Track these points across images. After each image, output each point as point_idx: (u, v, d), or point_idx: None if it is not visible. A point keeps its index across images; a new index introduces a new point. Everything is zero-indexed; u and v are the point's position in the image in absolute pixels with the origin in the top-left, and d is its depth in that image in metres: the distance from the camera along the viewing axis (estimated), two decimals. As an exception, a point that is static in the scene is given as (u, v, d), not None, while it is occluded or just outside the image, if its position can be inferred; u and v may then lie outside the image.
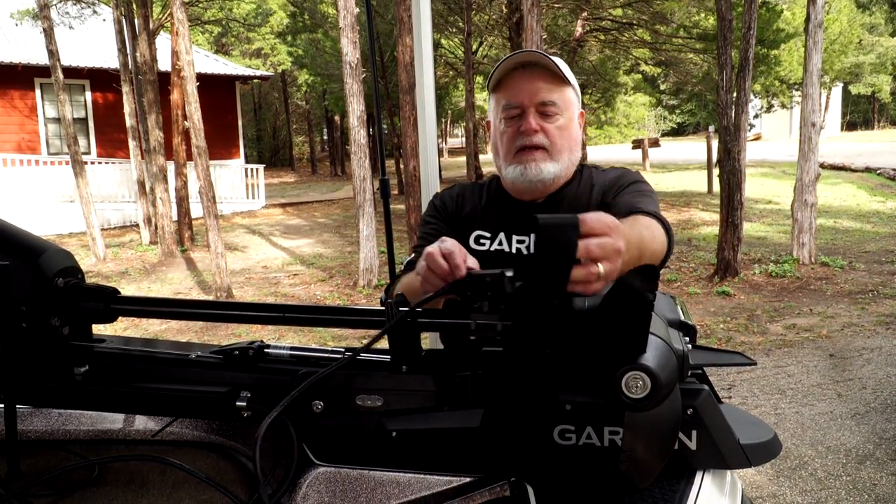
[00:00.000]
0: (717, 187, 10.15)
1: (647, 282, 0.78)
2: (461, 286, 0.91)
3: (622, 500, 0.91)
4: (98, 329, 1.10)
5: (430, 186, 2.80)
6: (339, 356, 1.02)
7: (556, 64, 1.51)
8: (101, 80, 16.49)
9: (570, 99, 1.55)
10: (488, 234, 1.56)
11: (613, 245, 0.86)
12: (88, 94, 17.19)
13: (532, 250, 1.50)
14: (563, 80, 1.53)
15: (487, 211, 1.62)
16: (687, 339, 0.93)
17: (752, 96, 14.58)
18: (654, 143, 24.62)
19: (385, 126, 21.27)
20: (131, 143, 13.76)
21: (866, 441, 4.01)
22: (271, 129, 40.05)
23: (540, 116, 1.51)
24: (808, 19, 8.57)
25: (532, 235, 0.86)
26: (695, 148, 29.37)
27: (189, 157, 11.00)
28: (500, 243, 1.54)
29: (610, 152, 33.28)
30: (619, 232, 0.88)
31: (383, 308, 0.98)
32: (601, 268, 0.84)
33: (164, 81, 13.75)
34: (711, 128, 16.96)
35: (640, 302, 0.78)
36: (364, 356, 1.02)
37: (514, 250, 1.52)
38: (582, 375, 0.87)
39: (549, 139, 1.52)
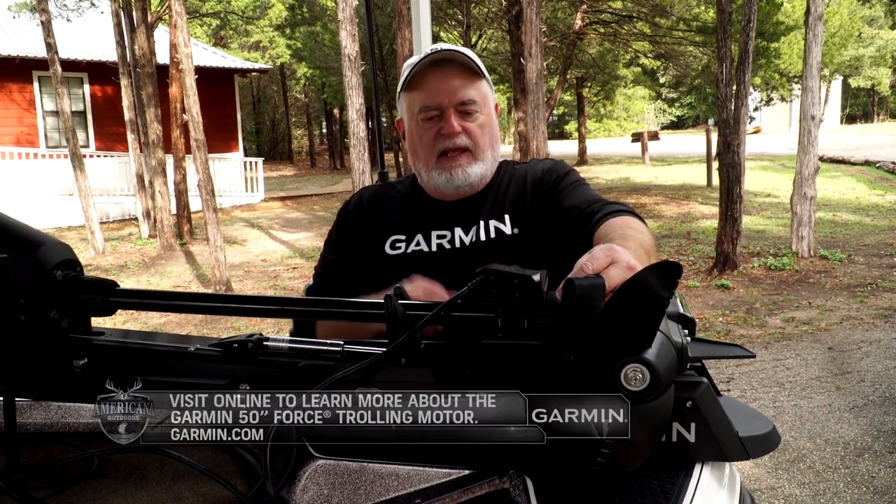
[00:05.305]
0: (716, 180, 10.14)
1: (666, 278, 0.78)
2: (487, 285, 0.90)
3: (620, 491, 0.91)
4: (97, 322, 1.10)
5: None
6: (338, 349, 1.02)
7: (470, 58, 1.46)
8: (100, 73, 16.46)
9: (486, 93, 1.51)
10: (403, 237, 1.51)
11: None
12: (87, 88, 17.16)
13: (457, 245, 1.48)
14: (478, 74, 1.48)
15: (402, 214, 1.56)
16: (686, 331, 0.93)
17: (751, 89, 14.57)
18: (654, 136, 24.53)
19: (384, 119, 21.22)
20: (130, 137, 13.74)
21: (864, 434, 4.02)
22: (270, 123, 40.01)
23: (460, 116, 1.46)
24: (807, 12, 8.54)
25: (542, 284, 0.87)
26: (694, 141, 29.36)
27: (188, 150, 10.99)
28: (418, 244, 1.50)
29: (609, 145, 33.24)
30: (633, 267, 0.87)
31: (381, 301, 0.98)
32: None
33: (162, 74, 13.72)
34: (711, 121, 16.94)
35: (654, 299, 0.78)
36: (363, 349, 1.03)
37: (434, 248, 1.48)
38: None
39: (471, 139, 1.47)
